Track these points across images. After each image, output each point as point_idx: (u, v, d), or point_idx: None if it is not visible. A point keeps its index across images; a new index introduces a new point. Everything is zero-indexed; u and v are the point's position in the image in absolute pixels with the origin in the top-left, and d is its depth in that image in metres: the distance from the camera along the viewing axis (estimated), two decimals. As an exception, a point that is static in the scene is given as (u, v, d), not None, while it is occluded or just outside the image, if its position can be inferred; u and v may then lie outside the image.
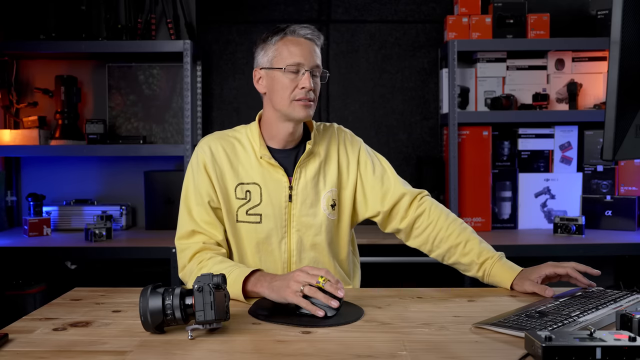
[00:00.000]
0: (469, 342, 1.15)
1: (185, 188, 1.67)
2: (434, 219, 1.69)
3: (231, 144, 1.68)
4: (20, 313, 1.40)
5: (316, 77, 1.61)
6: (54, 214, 3.00)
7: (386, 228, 1.77)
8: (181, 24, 3.09)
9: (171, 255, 2.56)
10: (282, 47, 1.59)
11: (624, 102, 1.19)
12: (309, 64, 1.58)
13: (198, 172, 1.64)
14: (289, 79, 1.58)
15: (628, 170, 3.00)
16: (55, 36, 2.88)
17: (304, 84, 1.57)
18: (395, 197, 1.71)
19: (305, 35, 1.59)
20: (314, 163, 1.68)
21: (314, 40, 1.61)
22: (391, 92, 3.24)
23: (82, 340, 1.18)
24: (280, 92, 1.59)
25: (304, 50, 1.58)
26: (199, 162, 1.65)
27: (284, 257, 1.66)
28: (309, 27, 1.61)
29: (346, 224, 1.73)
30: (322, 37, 1.64)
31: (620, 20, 1.15)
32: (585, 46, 2.93)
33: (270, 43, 1.61)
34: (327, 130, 1.74)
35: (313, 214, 1.66)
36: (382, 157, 1.80)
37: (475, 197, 2.93)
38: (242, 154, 1.67)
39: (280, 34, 1.60)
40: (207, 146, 1.66)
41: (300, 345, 1.14)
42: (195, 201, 1.63)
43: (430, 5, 3.23)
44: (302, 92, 1.58)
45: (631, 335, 1.00)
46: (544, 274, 1.53)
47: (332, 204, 1.69)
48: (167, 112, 3.18)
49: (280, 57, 1.59)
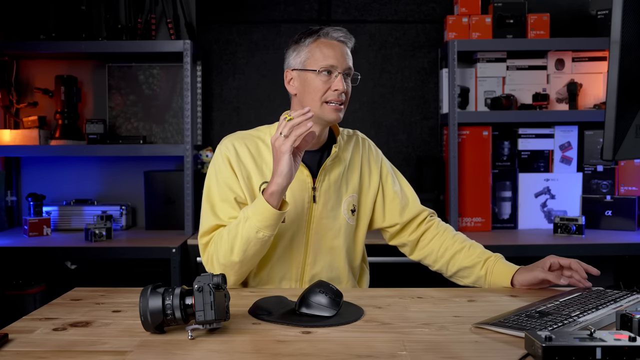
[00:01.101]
0: (469, 342, 1.15)
1: (207, 187, 1.65)
2: (440, 231, 1.76)
3: (255, 143, 1.67)
4: (20, 313, 1.40)
5: (349, 79, 1.63)
6: (54, 214, 3.00)
7: (393, 240, 1.82)
8: (181, 24, 3.09)
9: (171, 255, 2.57)
10: (315, 49, 1.60)
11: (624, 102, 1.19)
12: (342, 66, 1.60)
13: (223, 168, 1.63)
14: (322, 81, 1.59)
15: (628, 170, 3.00)
16: (55, 36, 2.88)
17: (337, 86, 1.58)
18: (413, 212, 1.77)
19: (339, 38, 1.61)
20: (338, 167, 1.69)
21: (346, 43, 1.63)
22: (391, 92, 3.24)
23: (82, 340, 1.18)
24: (312, 94, 1.60)
25: (337, 52, 1.60)
26: (224, 158, 1.64)
27: (300, 258, 1.66)
28: (342, 30, 1.63)
29: (363, 231, 1.76)
30: (353, 40, 1.66)
31: (620, 20, 1.16)
32: (585, 46, 2.93)
33: (303, 45, 1.62)
34: (352, 138, 1.78)
35: (333, 217, 1.67)
36: (398, 171, 1.86)
37: (475, 197, 2.93)
38: (266, 154, 1.66)
39: (314, 36, 1.61)
40: (231, 144, 1.66)
41: (300, 345, 1.14)
42: (219, 197, 1.61)
43: (430, 5, 3.23)
44: (334, 94, 1.59)
45: (631, 335, 1.00)
46: (548, 263, 1.55)
47: (352, 209, 1.71)
48: (167, 112, 3.18)
49: (313, 59, 1.60)
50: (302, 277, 1.67)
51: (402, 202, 1.77)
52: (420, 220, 1.78)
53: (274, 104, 3.09)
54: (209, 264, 1.59)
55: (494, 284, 1.62)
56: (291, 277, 1.66)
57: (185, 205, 2.85)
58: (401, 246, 1.82)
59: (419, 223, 1.78)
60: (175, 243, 2.60)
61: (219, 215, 1.60)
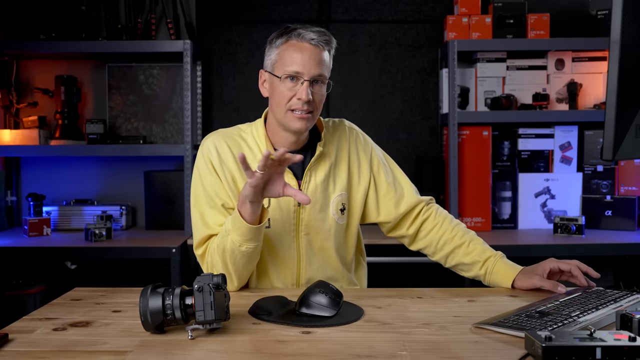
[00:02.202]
0: (469, 342, 1.15)
1: (194, 192, 1.59)
2: (439, 221, 1.69)
3: (237, 143, 1.60)
4: (20, 313, 1.40)
5: (318, 86, 1.52)
6: (54, 214, 3.00)
7: (391, 233, 1.75)
8: (181, 24, 3.09)
9: (171, 255, 2.57)
10: (284, 51, 1.51)
11: (624, 102, 1.19)
12: (308, 73, 1.49)
13: (207, 173, 1.57)
14: (287, 88, 1.51)
15: (628, 170, 3.00)
16: (55, 36, 2.88)
17: (300, 95, 1.49)
18: (410, 203, 1.69)
19: (310, 41, 1.50)
20: (324, 165, 1.62)
21: (320, 46, 1.51)
22: (391, 92, 3.24)
23: (82, 340, 1.18)
24: (278, 100, 1.52)
25: (306, 57, 1.49)
26: (206, 162, 1.57)
27: (294, 262, 1.62)
28: (317, 32, 1.51)
29: (354, 227, 1.69)
30: (332, 42, 1.55)
31: (620, 20, 1.15)
32: (585, 46, 2.93)
33: (274, 45, 1.54)
34: (337, 129, 1.68)
35: (322, 219, 1.61)
36: (390, 158, 1.76)
37: (475, 197, 2.93)
38: (248, 153, 1.59)
39: (285, 37, 1.52)
40: (212, 145, 1.59)
41: (300, 345, 1.14)
42: (207, 204, 1.56)
43: (430, 5, 3.23)
44: (298, 103, 1.50)
45: (631, 335, 1.00)
46: (548, 268, 1.52)
47: (342, 207, 1.65)
48: (167, 112, 3.18)
49: (280, 63, 1.51)
50: (298, 281, 1.63)
51: (397, 194, 1.69)
52: (417, 211, 1.70)
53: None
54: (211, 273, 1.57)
55: (494, 284, 1.61)
56: (287, 283, 1.63)
57: (185, 205, 2.85)
58: (400, 238, 1.75)
59: (416, 214, 1.70)
60: (175, 243, 2.60)
61: (209, 224, 1.55)
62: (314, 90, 1.51)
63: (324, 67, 1.52)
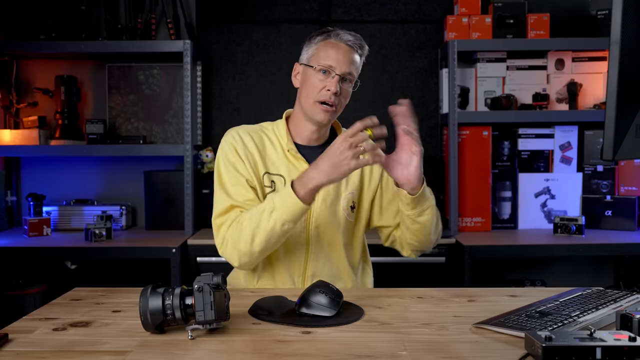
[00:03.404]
0: (469, 342, 1.15)
1: (217, 174, 1.67)
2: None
3: (259, 135, 1.71)
4: (20, 313, 1.40)
5: (346, 84, 1.65)
6: (54, 214, 3.00)
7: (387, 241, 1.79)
8: (181, 24, 3.09)
9: (171, 255, 2.57)
10: (322, 47, 1.64)
11: (624, 102, 1.19)
12: (340, 69, 1.61)
13: (230, 155, 1.65)
14: (318, 79, 1.62)
15: (628, 170, 3.00)
16: (55, 36, 2.88)
17: (330, 86, 1.61)
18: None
19: (347, 42, 1.63)
20: None
21: (354, 49, 1.65)
22: (391, 92, 3.24)
23: (82, 340, 1.18)
24: (308, 90, 1.64)
25: (340, 55, 1.62)
26: (230, 147, 1.66)
27: (302, 254, 1.67)
28: (354, 36, 1.65)
29: (362, 227, 1.76)
30: (365, 48, 1.68)
31: (620, 20, 1.15)
32: (585, 46, 2.93)
33: (313, 42, 1.67)
34: None
35: (332, 213, 1.68)
36: None
37: (475, 197, 2.93)
38: (269, 147, 1.70)
39: (324, 35, 1.65)
40: (236, 134, 1.69)
41: (300, 345, 1.14)
42: (230, 182, 1.63)
43: (430, 5, 3.23)
44: (326, 94, 1.61)
45: (631, 335, 1.00)
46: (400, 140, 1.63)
47: (352, 205, 1.72)
48: (167, 112, 3.18)
49: (317, 57, 1.64)
50: (304, 272, 1.68)
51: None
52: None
53: (274, 104, 3.09)
54: (222, 246, 1.60)
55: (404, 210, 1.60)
56: (293, 273, 1.67)
57: (185, 205, 2.85)
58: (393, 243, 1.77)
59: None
60: (175, 243, 2.60)
61: (232, 195, 1.62)
62: (342, 87, 1.64)
63: (354, 67, 1.65)
